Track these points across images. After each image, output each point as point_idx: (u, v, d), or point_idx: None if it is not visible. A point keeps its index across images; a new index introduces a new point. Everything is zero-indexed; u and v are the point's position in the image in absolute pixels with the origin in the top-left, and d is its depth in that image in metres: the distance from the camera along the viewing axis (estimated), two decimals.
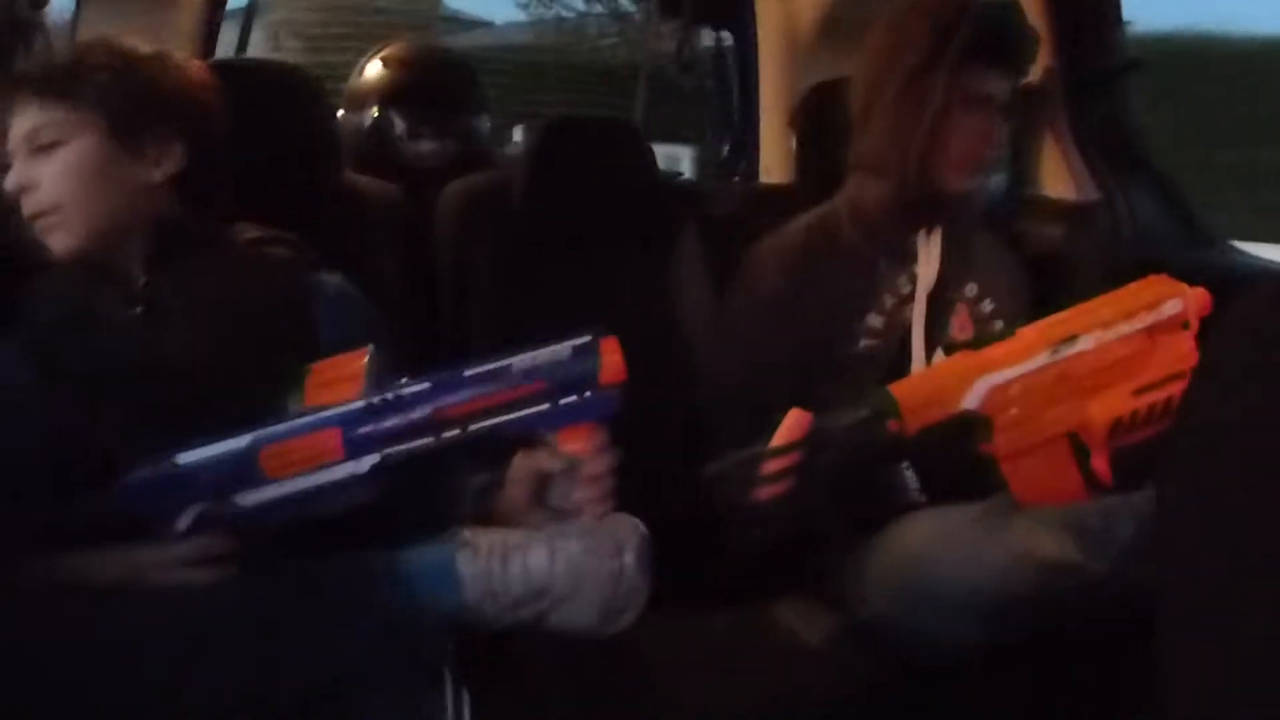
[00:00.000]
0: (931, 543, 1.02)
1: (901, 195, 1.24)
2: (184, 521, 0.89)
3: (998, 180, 1.63)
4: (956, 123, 1.22)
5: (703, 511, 1.01)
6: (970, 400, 1.04)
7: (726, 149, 2.10)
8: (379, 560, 0.86)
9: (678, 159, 2.94)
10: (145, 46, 1.06)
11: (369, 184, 1.47)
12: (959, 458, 1.07)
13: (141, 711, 0.82)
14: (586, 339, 0.93)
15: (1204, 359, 0.62)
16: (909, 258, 1.25)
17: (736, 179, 1.99)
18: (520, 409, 0.91)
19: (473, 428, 0.90)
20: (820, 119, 1.45)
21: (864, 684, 1.02)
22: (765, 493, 1.01)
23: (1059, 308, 1.10)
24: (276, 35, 6.38)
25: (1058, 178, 1.53)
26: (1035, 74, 1.51)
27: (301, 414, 0.90)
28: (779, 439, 1.02)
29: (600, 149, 1.52)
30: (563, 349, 0.93)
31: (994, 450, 1.05)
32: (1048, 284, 1.33)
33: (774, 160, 1.90)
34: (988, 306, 1.27)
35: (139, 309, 1.01)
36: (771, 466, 1.01)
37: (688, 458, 1.07)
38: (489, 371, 0.92)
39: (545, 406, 0.91)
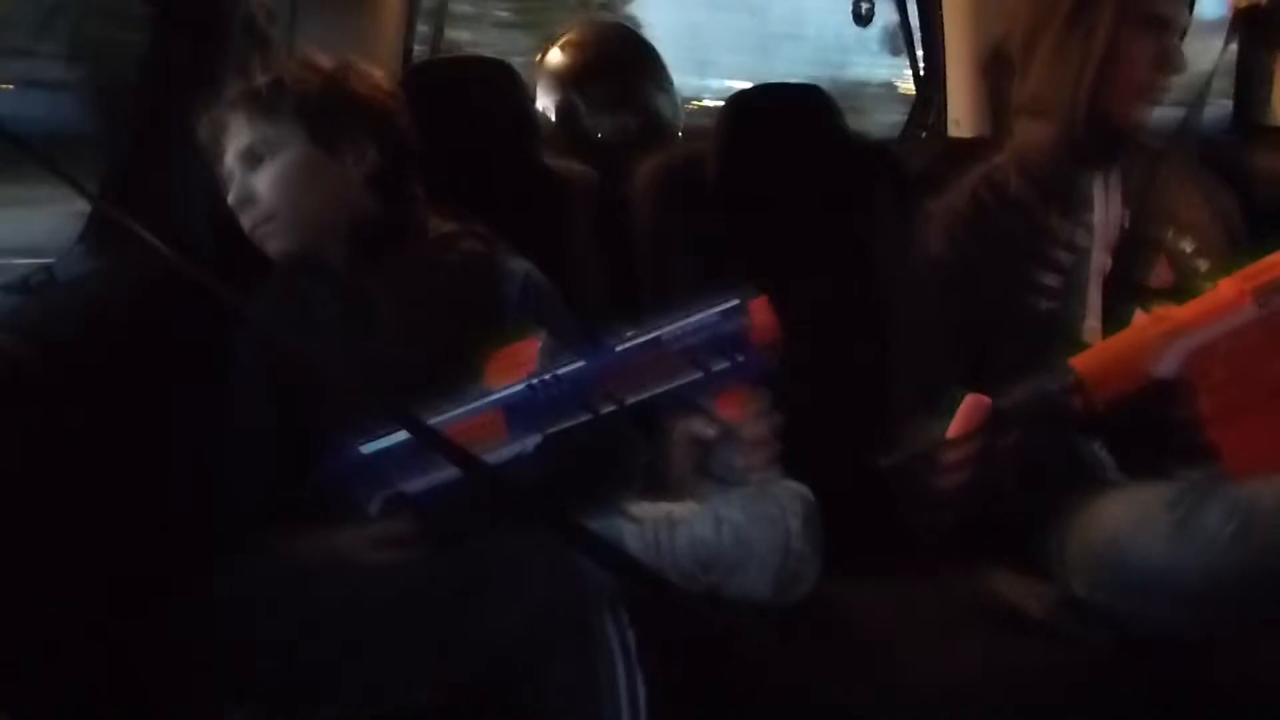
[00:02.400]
0: (1128, 526, 0.96)
1: (1069, 135, 1.15)
2: (374, 506, 0.95)
3: (1219, 109, 1.52)
4: (1128, 49, 1.12)
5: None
6: (1165, 367, 0.97)
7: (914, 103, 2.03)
8: (546, 538, 0.87)
9: None
10: (331, 59, 1.14)
11: (566, 167, 1.51)
12: (1157, 430, 1.00)
13: (343, 681, 0.88)
14: (734, 301, 0.92)
15: None
16: (1084, 207, 1.17)
17: (924, 134, 1.93)
18: (673, 379, 0.91)
19: (629, 401, 0.91)
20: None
21: (1090, 657, 0.98)
22: (947, 482, 0.98)
23: None
24: None
25: None
26: None
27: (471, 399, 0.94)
28: (956, 428, 0.98)
29: (791, 114, 1.50)
30: (710, 315, 0.92)
31: (1199, 417, 0.97)
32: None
33: (962, 112, 1.83)
34: (1188, 247, 1.16)
35: (346, 305, 1.09)
36: (951, 456, 0.97)
37: (884, 428, 1.06)
38: (640, 344, 0.92)
39: (697, 374, 0.91)
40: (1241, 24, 1.31)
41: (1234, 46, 1.48)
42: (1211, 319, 0.98)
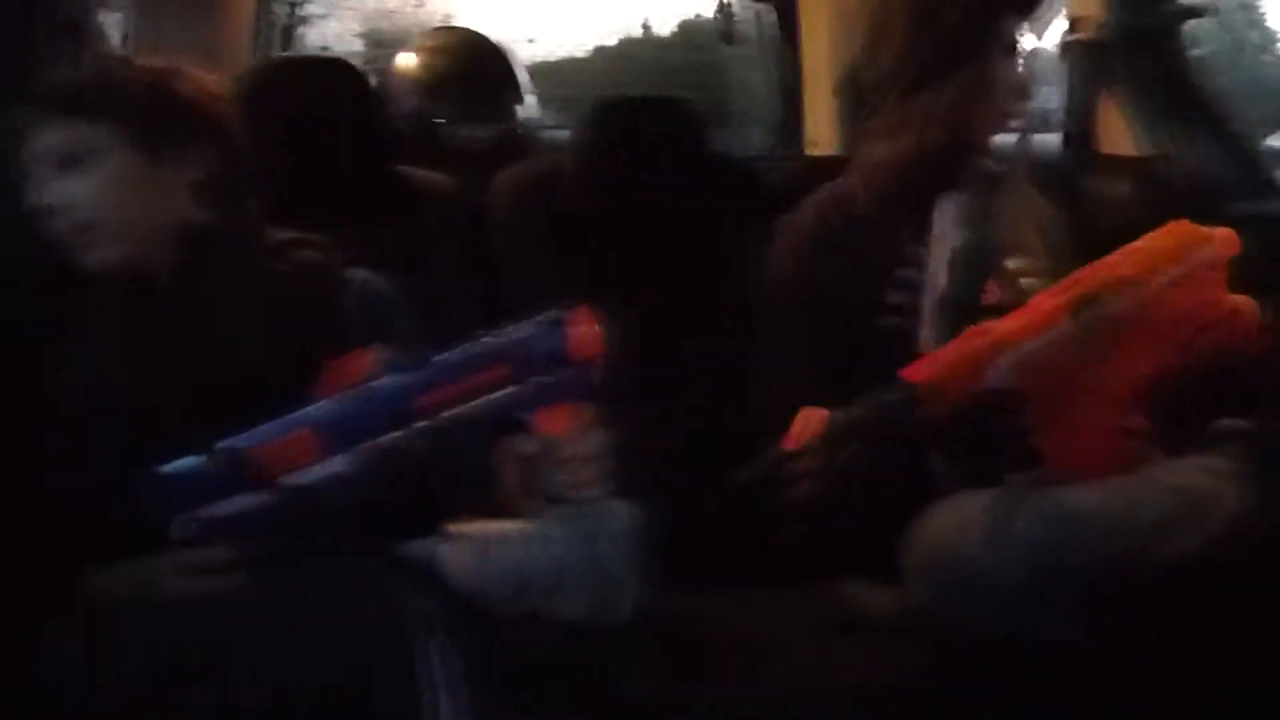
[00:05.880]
0: (953, 532, 0.99)
1: (920, 154, 1.18)
2: (176, 530, 0.88)
3: (1052, 137, 1.60)
4: (999, 76, 1.17)
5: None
6: (994, 378, 1.00)
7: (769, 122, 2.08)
8: (365, 561, 0.84)
9: None
10: (158, 61, 1.08)
11: (421, 176, 1.48)
12: (990, 438, 1.03)
13: (163, 714, 0.82)
14: (554, 313, 0.89)
15: None
16: (926, 226, 1.19)
17: (779, 152, 1.97)
18: (489, 392, 0.88)
19: (444, 415, 0.88)
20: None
21: (935, 660, 1.00)
22: (794, 495, 0.99)
23: None
24: None
25: (1116, 132, 1.50)
26: (1090, 27, 1.48)
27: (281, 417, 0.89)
28: (792, 440, 1.00)
29: (650, 129, 1.50)
30: (527, 326, 0.89)
31: (1027, 425, 1.01)
32: (1108, 242, 1.29)
33: (819, 132, 1.87)
34: (1021, 266, 1.19)
35: (171, 318, 1.03)
36: (793, 469, 0.99)
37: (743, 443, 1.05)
38: (458, 357, 0.89)
39: (514, 388, 0.88)
40: (1070, 56, 1.38)
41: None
42: (1032, 332, 1.01)
